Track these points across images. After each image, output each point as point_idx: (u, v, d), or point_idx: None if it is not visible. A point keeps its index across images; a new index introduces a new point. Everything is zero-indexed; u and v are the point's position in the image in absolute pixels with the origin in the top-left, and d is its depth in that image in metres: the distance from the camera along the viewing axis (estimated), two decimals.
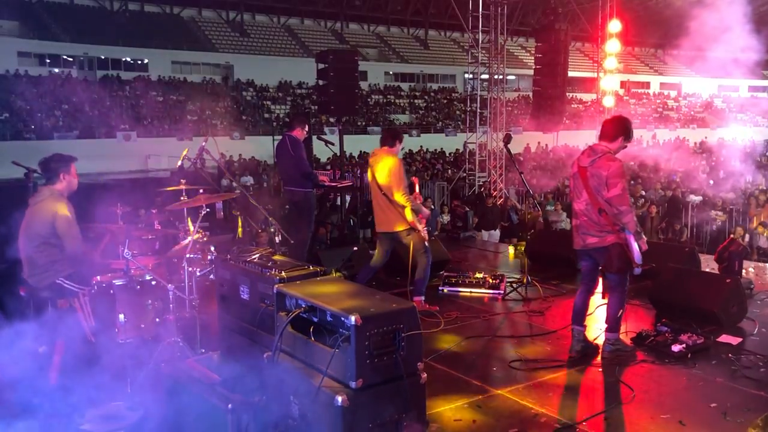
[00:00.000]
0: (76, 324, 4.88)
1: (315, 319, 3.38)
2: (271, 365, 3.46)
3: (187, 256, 5.00)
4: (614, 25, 13.55)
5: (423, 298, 6.73)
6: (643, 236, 5.33)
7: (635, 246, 5.15)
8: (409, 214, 6.45)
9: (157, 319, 5.04)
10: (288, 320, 3.37)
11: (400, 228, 6.55)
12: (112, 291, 4.91)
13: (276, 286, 3.70)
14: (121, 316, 4.88)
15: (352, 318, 3.03)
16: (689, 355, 5.42)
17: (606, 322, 5.54)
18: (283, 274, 4.03)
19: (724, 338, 5.81)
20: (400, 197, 6.39)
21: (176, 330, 4.92)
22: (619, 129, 5.31)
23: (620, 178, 5.11)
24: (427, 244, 6.66)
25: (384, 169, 6.48)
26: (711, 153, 29.73)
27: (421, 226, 6.55)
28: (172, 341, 4.83)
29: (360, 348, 3.05)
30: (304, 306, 3.39)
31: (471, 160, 17.71)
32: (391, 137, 6.65)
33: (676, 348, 5.50)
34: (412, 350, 3.26)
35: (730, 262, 7.20)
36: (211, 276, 5.35)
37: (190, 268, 5.06)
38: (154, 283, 5.05)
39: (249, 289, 4.36)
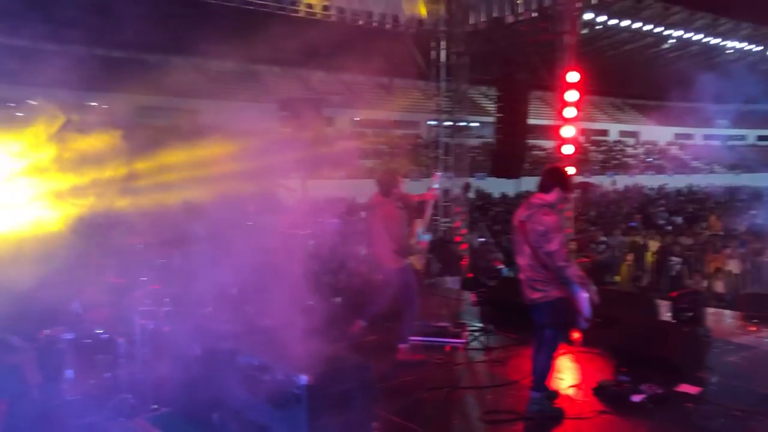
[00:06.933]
0: (21, 381, 4.69)
1: (266, 377, 3.29)
2: (222, 426, 3.35)
3: (140, 308, 4.86)
4: (572, 76, 13.86)
5: (407, 345, 6.72)
6: (592, 286, 5.20)
7: (584, 299, 5.05)
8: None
9: (107, 375, 4.86)
10: (238, 381, 3.27)
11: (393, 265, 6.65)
12: (60, 345, 4.74)
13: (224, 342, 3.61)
14: (70, 372, 4.70)
15: (304, 378, 2.96)
16: (650, 405, 5.41)
17: (531, 380, 5.40)
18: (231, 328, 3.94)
19: (684, 388, 5.82)
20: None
21: (127, 386, 4.75)
22: (553, 180, 5.26)
23: (557, 233, 5.02)
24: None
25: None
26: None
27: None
28: (123, 398, 4.66)
29: (312, 408, 2.97)
30: (255, 364, 3.30)
31: (434, 205, 17.77)
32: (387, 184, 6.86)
33: (636, 398, 5.50)
34: (367, 409, 3.18)
35: (694, 311, 7.22)
36: (165, 329, 5.20)
37: (142, 321, 4.92)
38: (104, 336, 4.89)
39: (200, 343, 4.25)
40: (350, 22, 15.19)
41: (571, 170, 14.60)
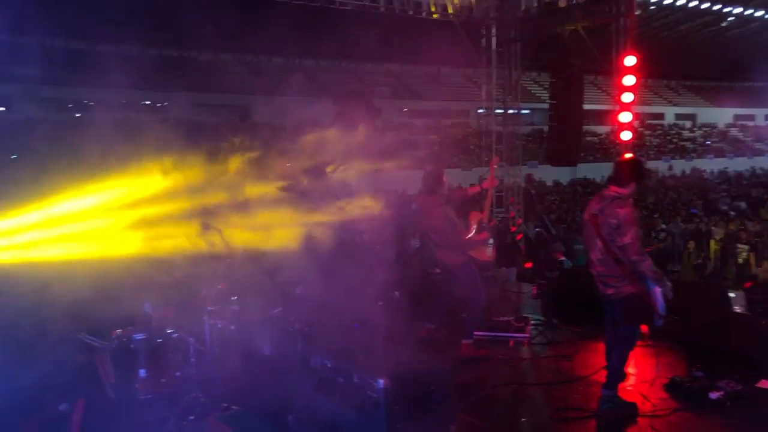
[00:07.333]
0: (96, 380, 4.80)
1: (341, 380, 3.26)
2: (296, 428, 3.34)
3: (208, 308, 4.91)
4: (629, 60, 13.48)
5: (471, 341, 6.61)
6: (668, 282, 4.98)
7: (659, 295, 4.91)
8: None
9: (178, 374, 4.93)
10: (312, 384, 3.25)
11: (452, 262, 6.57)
12: (132, 346, 4.83)
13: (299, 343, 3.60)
14: (142, 372, 4.79)
15: (381, 381, 2.92)
16: (728, 403, 5.20)
17: (605, 376, 5.27)
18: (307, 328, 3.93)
19: (764, 384, 5.57)
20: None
21: (198, 385, 4.80)
22: (632, 173, 5.08)
23: (631, 225, 4.84)
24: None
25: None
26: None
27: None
28: (194, 397, 4.71)
29: (390, 412, 2.93)
30: (329, 366, 3.27)
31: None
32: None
33: (713, 395, 5.28)
34: (444, 412, 3.13)
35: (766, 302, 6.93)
36: (232, 327, 5.23)
37: (211, 321, 4.97)
38: (175, 336, 4.96)
39: (270, 344, 4.26)
40: (399, 13, 15.07)
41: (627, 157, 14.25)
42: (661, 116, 52.55)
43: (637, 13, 15.22)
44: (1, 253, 4.95)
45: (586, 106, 18.39)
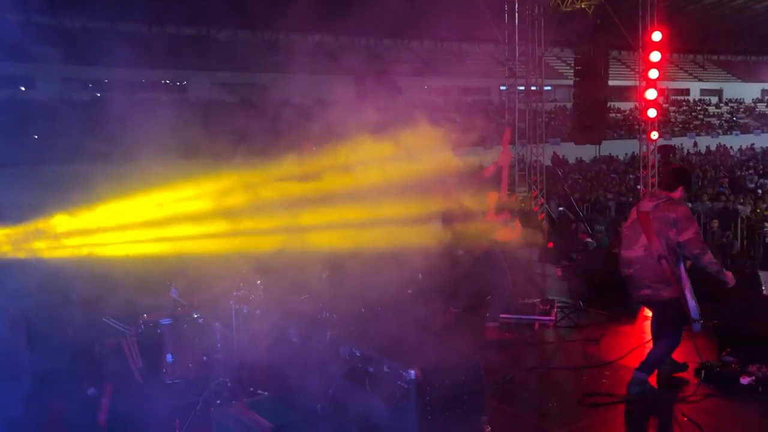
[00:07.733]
0: (124, 364, 4.83)
1: (371, 370, 3.22)
2: (325, 417, 3.31)
3: (234, 293, 4.90)
4: (656, 36, 13.16)
5: (497, 324, 6.55)
6: (727, 272, 5.06)
7: (691, 300, 4.93)
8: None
9: (205, 358, 4.94)
10: (342, 373, 3.22)
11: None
12: (159, 330, 4.85)
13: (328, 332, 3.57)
14: (169, 356, 4.80)
15: (412, 372, 2.87)
16: (760, 389, 5.11)
17: (643, 360, 5.21)
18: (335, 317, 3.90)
19: None
20: None
21: (224, 369, 4.81)
22: (678, 180, 5.17)
23: (691, 222, 4.97)
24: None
25: None
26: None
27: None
28: (221, 381, 4.71)
29: (421, 403, 2.89)
30: (358, 355, 3.24)
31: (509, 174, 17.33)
32: None
33: (744, 380, 5.19)
34: (476, 404, 3.08)
35: None
36: (257, 312, 5.22)
37: (236, 306, 4.96)
38: (201, 321, 4.96)
39: (298, 331, 4.24)
40: None
41: (653, 135, 13.99)
42: (686, 92, 51.59)
43: None
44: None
45: (611, 82, 18.04)
